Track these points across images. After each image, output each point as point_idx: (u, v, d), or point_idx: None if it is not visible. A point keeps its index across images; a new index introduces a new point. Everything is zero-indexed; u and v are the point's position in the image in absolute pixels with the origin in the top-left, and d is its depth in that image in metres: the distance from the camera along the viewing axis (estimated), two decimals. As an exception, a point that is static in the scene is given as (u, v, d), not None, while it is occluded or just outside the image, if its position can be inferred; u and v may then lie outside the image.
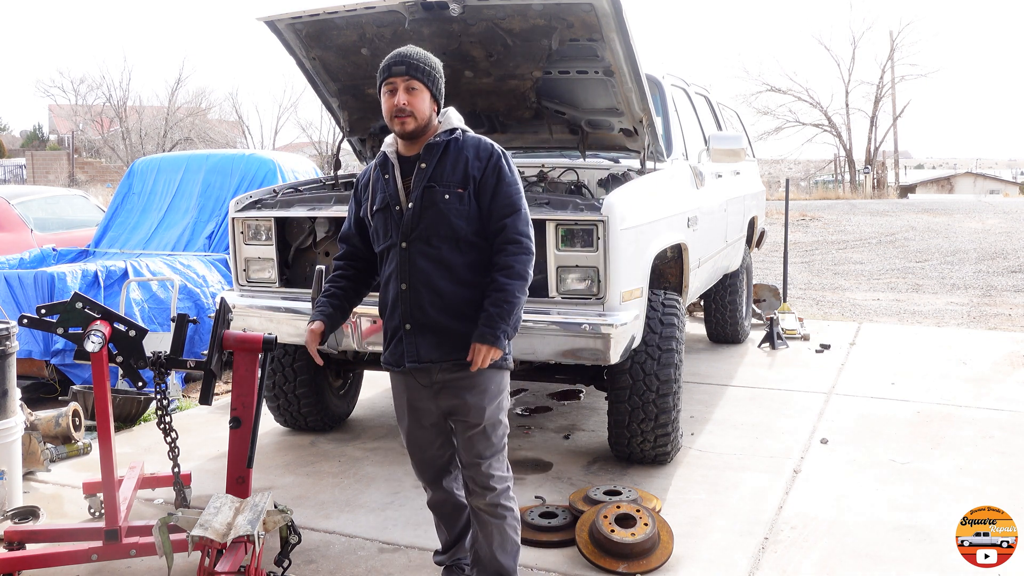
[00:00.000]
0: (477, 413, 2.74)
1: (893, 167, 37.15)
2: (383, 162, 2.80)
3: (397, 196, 2.72)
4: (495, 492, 2.79)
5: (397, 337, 2.74)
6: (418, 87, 2.67)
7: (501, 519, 2.83)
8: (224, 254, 6.53)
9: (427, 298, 2.68)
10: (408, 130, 2.68)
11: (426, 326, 2.69)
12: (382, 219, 2.75)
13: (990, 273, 11.94)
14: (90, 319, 3.14)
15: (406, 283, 2.69)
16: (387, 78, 2.68)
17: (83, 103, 39.98)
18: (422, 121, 2.69)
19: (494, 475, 2.79)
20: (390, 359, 2.79)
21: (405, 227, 2.69)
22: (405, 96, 2.65)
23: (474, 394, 2.73)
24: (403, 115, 2.66)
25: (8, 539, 3.29)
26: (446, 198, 2.66)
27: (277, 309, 4.17)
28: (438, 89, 2.74)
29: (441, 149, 2.71)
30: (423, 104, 2.68)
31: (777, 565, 3.30)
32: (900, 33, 38.91)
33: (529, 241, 2.72)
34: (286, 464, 4.49)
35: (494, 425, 2.79)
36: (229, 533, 2.80)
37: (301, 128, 52.74)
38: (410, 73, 2.65)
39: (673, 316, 4.14)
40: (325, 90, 4.74)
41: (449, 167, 2.69)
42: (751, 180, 7.21)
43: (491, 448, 2.79)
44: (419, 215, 2.68)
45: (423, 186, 2.68)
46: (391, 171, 2.76)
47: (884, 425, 5.01)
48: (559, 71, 4.35)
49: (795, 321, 7.55)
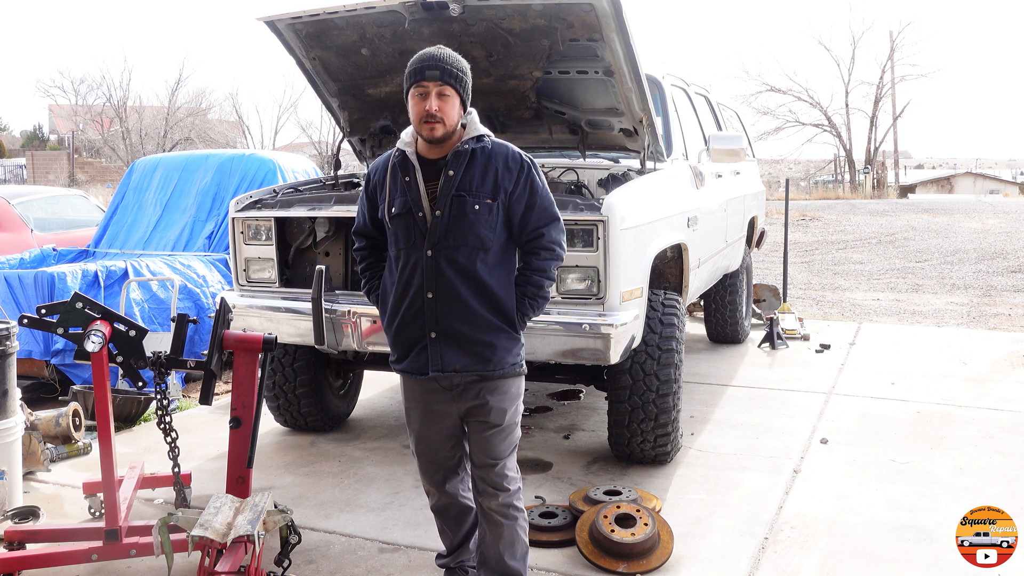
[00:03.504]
0: (498, 414, 2.74)
1: (893, 167, 37.17)
2: (402, 162, 2.71)
3: (420, 202, 2.65)
4: (508, 493, 2.79)
5: (420, 346, 2.69)
6: (450, 93, 2.59)
7: (513, 520, 2.81)
8: (224, 254, 6.53)
9: (453, 308, 2.64)
10: (437, 135, 2.61)
11: (451, 336, 2.66)
12: (402, 224, 2.67)
13: (990, 273, 11.95)
14: (90, 319, 3.14)
15: (432, 292, 2.64)
16: (419, 81, 2.58)
17: (83, 103, 39.99)
18: (451, 127, 2.62)
19: (508, 475, 2.79)
20: (411, 367, 2.74)
21: (432, 236, 2.63)
22: (437, 102, 2.57)
23: (496, 396, 2.73)
24: (433, 121, 2.58)
25: (8, 539, 3.29)
26: (476, 208, 2.62)
27: (277, 309, 4.17)
28: (467, 93, 2.67)
29: (468, 156, 2.64)
30: (454, 110, 2.61)
31: (777, 565, 3.30)
32: (900, 33, 38.97)
33: (563, 250, 2.77)
34: (286, 464, 4.49)
35: (512, 427, 2.79)
36: (229, 533, 2.80)
37: (301, 128, 52.78)
38: (444, 79, 2.57)
39: (673, 316, 4.14)
40: (325, 90, 4.74)
41: (478, 176, 2.63)
42: (751, 180, 7.21)
43: (507, 449, 2.79)
44: (447, 225, 2.62)
45: (452, 195, 2.62)
46: (412, 174, 2.67)
47: (884, 425, 5.01)
48: (559, 71, 4.35)
49: (795, 321, 7.55)
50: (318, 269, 3.60)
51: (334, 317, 3.94)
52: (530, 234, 2.70)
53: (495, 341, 2.68)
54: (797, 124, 38.72)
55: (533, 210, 2.69)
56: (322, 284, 3.78)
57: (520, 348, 2.78)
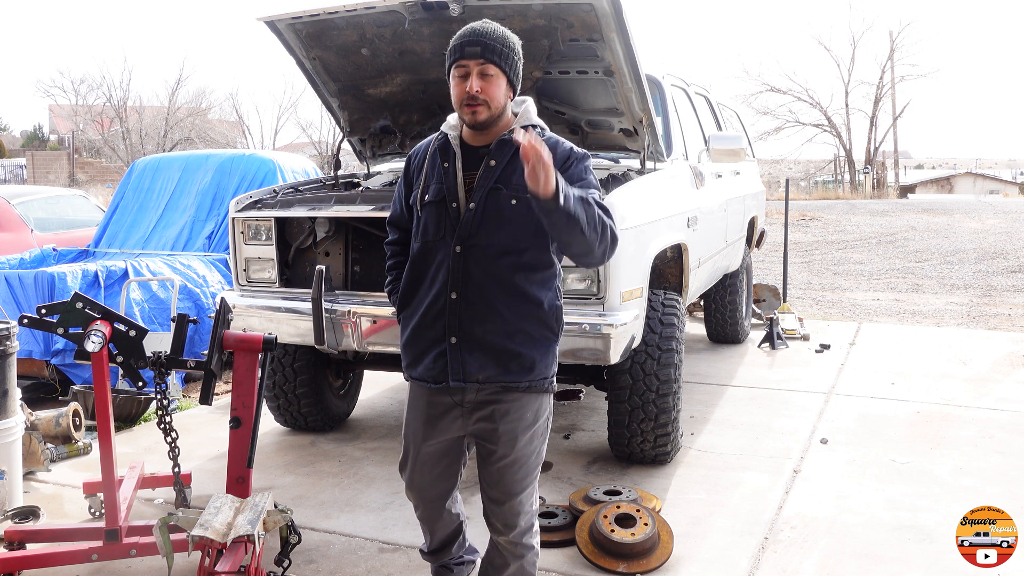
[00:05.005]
0: (508, 443, 2.45)
1: (893, 167, 37.18)
2: (443, 146, 2.46)
3: (455, 191, 2.40)
4: (518, 530, 2.54)
5: (439, 351, 2.42)
6: (494, 72, 2.33)
7: (520, 558, 2.59)
8: (224, 254, 6.53)
9: (480, 312, 2.38)
10: (480, 120, 2.34)
11: (475, 342, 2.40)
12: (434, 213, 2.42)
13: (990, 273, 11.95)
14: (90, 319, 3.14)
15: (457, 293, 2.38)
16: (459, 59, 2.34)
17: (83, 103, 40.01)
18: (496, 111, 2.36)
19: (521, 512, 2.53)
20: (427, 375, 2.46)
21: (462, 230, 2.37)
22: (479, 82, 2.31)
23: (507, 421, 2.44)
24: (475, 103, 2.32)
25: (8, 539, 3.29)
26: (513, 203, 2.35)
27: (277, 309, 4.17)
28: (516, 74, 2.39)
29: (515, 147, 2.32)
30: (499, 92, 2.35)
31: (777, 565, 3.30)
32: (900, 33, 38.97)
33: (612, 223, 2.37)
34: (286, 464, 4.49)
35: (527, 456, 2.49)
36: (229, 533, 2.80)
37: (301, 128, 52.79)
38: (486, 56, 2.32)
39: (673, 316, 4.14)
40: (325, 90, 4.74)
41: (520, 169, 2.26)
42: (751, 180, 7.21)
43: (521, 483, 2.50)
44: (480, 219, 2.37)
45: (489, 187, 2.37)
46: (452, 161, 2.43)
47: (884, 425, 5.01)
48: (559, 71, 4.35)
49: (795, 321, 7.55)
50: (318, 269, 3.60)
51: (334, 317, 3.94)
52: None
53: (522, 351, 2.41)
54: (797, 124, 38.75)
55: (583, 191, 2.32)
56: (322, 284, 3.78)
57: (552, 361, 2.49)
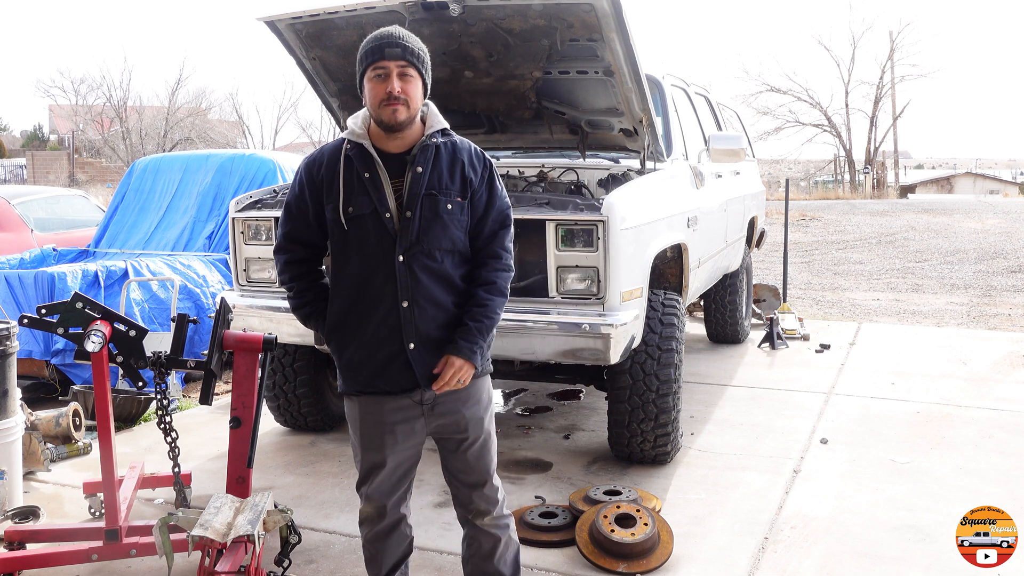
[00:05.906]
0: (476, 425, 2.56)
1: (893, 167, 37.18)
2: (359, 155, 2.43)
3: (385, 202, 2.39)
4: (498, 504, 2.66)
5: (400, 360, 2.44)
6: (413, 75, 2.38)
7: (505, 529, 2.70)
8: (224, 254, 6.53)
9: (431, 314, 2.43)
10: (400, 119, 2.36)
11: (432, 343, 2.45)
12: (364, 227, 2.40)
13: (990, 273, 11.95)
14: (90, 319, 3.14)
15: (408, 300, 2.40)
16: (378, 60, 2.35)
17: (83, 103, 40.04)
18: (414, 112, 2.40)
19: (498, 487, 2.66)
20: (386, 385, 2.48)
21: (405, 239, 2.39)
22: (399, 83, 2.35)
23: (469, 406, 2.54)
24: (396, 102, 2.34)
25: (8, 539, 3.29)
26: (448, 208, 2.41)
27: (277, 309, 4.17)
28: (428, 77, 2.46)
29: (435, 151, 2.43)
30: (418, 93, 2.39)
31: (777, 565, 3.30)
32: (900, 33, 39.01)
33: (511, 258, 2.54)
34: (286, 464, 4.49)
35: (491, 434, 2.63)
36: (229, 533, 2.80)
37: (301, 128, 52.78)
38: (407, 58, 2.36)
39: (673, 316, 4.14)
40: (325, 90, 4.75)
41: (447, 173, 2.43)
42: (751, 180, 7.22)
43: (492, 460, 2.64)
44: (421, 226, 2.39)
45: (422, 193, 2.40)
46: (374, 170, 2.41)
47: (884, 425, 5.01)
48: (559, 71, 4.35)
49: (795, 321, 7.55)
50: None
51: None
52: (484, 239, 2.49)
53: None
54: (797, 124, 38.77)
55: (491, 212, 2.49)
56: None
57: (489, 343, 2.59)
